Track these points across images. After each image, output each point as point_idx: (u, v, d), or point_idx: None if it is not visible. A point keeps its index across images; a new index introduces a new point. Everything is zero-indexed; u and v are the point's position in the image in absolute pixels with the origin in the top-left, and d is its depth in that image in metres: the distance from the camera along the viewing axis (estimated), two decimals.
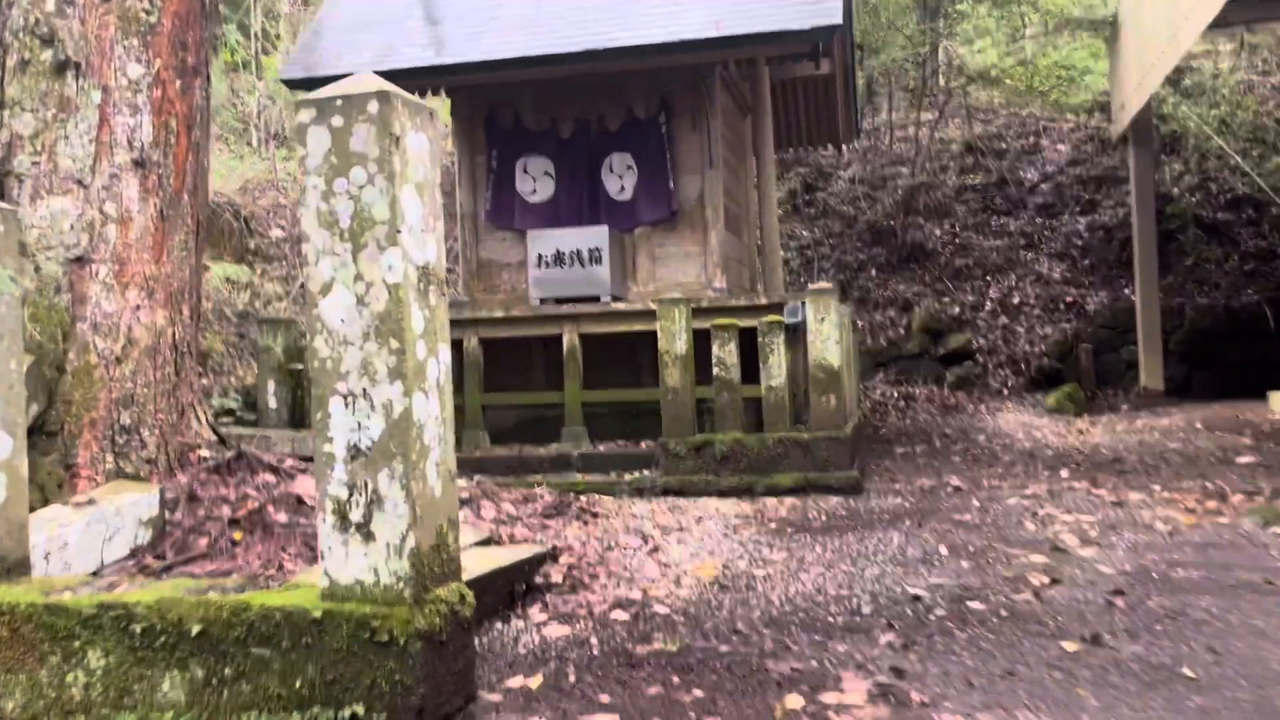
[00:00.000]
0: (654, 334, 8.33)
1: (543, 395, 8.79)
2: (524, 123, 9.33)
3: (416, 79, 8.59)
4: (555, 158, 9.27)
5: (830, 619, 3.75)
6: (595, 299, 8.60)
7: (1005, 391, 14.62)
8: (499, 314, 8.70)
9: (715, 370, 7.39)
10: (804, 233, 17.04)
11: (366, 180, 2.51)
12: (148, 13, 4.74)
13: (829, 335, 7.14)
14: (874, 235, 16.85)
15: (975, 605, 3.81)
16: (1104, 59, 17.70)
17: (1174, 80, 15.25)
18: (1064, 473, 7.99)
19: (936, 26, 18.11)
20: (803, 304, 8.05)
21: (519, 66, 8.32)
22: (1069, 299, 15.56)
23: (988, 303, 15.84)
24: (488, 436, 8.80)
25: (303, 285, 15.56)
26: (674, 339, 7.41)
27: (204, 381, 11.01)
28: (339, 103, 2.54)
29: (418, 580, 2.52)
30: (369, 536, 2.52)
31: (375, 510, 2.52)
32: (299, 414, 8.10)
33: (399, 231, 2.51)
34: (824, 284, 7.32)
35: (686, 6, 8.31)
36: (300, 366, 8.09)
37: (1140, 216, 14.53)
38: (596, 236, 8.59)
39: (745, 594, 4.21)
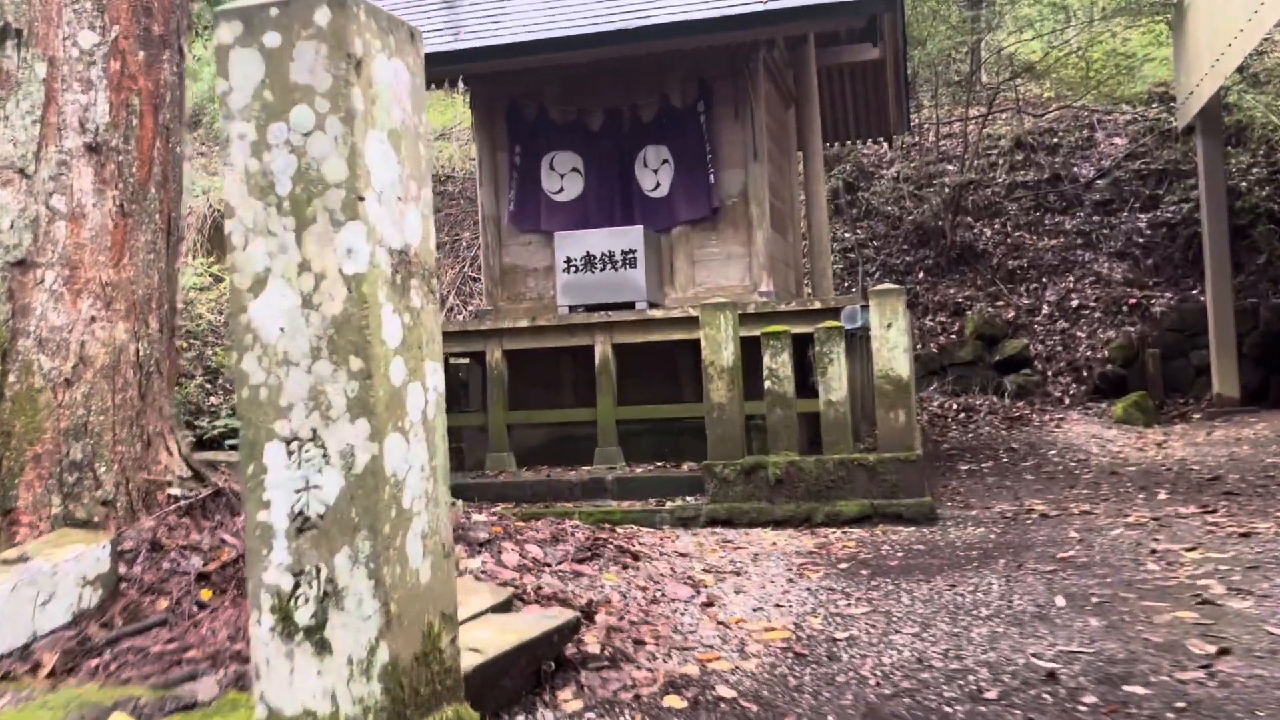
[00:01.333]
0: (694, 344, 7.53)
1: (573, 413, 7.99)
2: (549, 115, 8.55)
3: (429, 66, 7.82)
4: (584, 152, 8.49)
5: (947, 709, 2.91)
6: (629, 306, 7.79)
7: (1066, 400, 13.65)
8: (524, 324, 7.91)
9: (767, 383, 6.55)
10: (846, 234, 16.15)
11: (315, 125, 1.72)
12: None
13: (897, 342, 6.28)
14: (921, 236, 15.94)
15: (1135, 690, 2.95)
16: (1162, 45, 16.71)
17: (1240, 66, 14.24)
18: (1160, 494, 7.08)
19: (978, 15, 17.21)
20: (861, 308, 7.20)
21: (542, 51, 7.54)
22: (1132, 301, 14.57)
23: (1044, 306, 14.88)
24: (513, 458, 8.02)
25: None
26: (720, 348, 6.58)
27: (190, 399, 10.32)
28: (274, 12, 1.74)
29: (395, 710, 1.71)
30: (323, 647, 1.72)
31: (331, 609, 1.71)
32: None
33: (362, 199, 1.71)
34: (889, 285, 6.46)
35: None
36: None
37: (1210, 212, 13.53)
38: (630, 237, 7.78)
39: (829, 666, 3.37)
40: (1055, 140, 17.41)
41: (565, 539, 4.64)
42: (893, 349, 6.28)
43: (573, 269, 7.88)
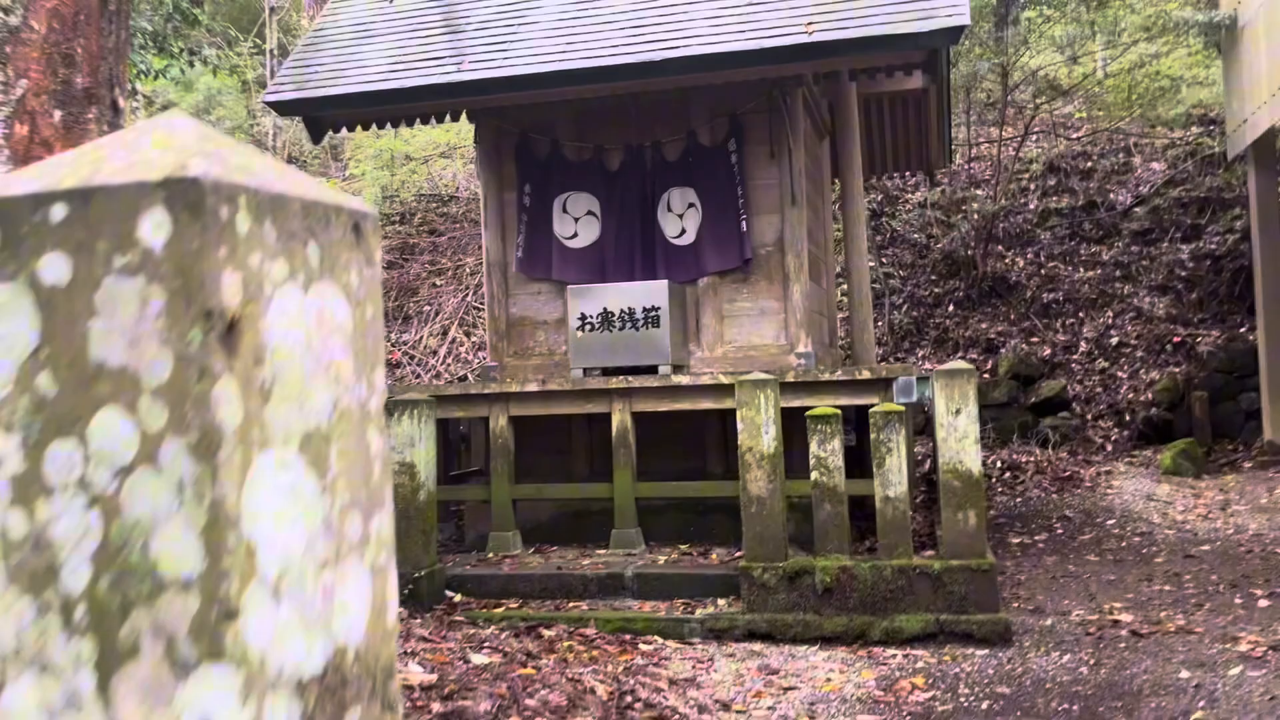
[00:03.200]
0: (724, 412, 6.68)
1: (587, 488, 7.13)
2: (562, 152, 7.69)
3: (429, 99, 6.99)
4: (601, 194, 7.63)
5: None
6: (651, 369, 6.93)
7: (1109, 447, 12.77)
8: (533, 388, 7.05)
9: (814, 474, 5.68)
10: (871, 264, 15.27)
11: (138, 455, 0.84)
12: (4, 9, 3.13)
13: (966, 432, 5.42)
14: (950, 266, 15.07)
15: None
16: (1207, 67, 15.86)
17: None
18: (1258, 595, 6.21)
19: (1005, 35, 16.36)
20: (916, 379, 6.34)
21: (554, 84, 6.69)
22: (1176, 339, 13.69)
23: (1082, 343, 14.00)
24: (519, 537, 7.16)
25: None
26: (759, 432, 5.71)
27: None
28: (58, 213, 0.86)
29: None
30: None
31: None
32: None
33: (233, 615, 0.83)
34: (957, 364, 5.59)
35: (765, 6, 6.64)
36: None
37: (1263, 247, 12.65)
38: (653, 293, 6.92)
39: None
40: (1090, 165, 16.54)
41: (581, 708, 3.77)
42: (962, 439, 5.42)
43: (588, 327, 7.02)
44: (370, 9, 7.77)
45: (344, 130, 7.54)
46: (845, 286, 10.61)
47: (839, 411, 5.72)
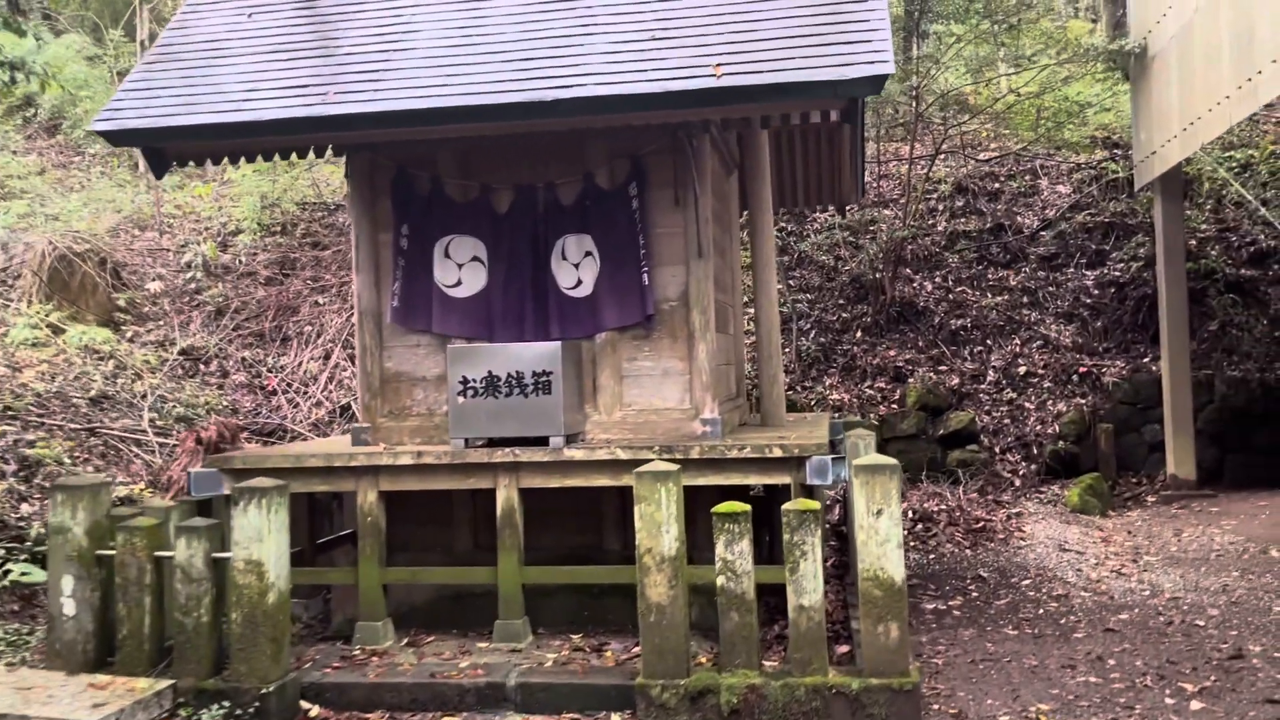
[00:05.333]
0: (623, 488, 6.03)
1: (468, 573, 6.38)
2: (445, 190, 6.90)
3: (290, 133, 6.12)
4: (488, 238, 6.86)
5: None
6: (542, 441, 6.20)
7: (1017, 482, 12.55)
8: (406, 460, 6.26)
9: (720, 579, 5.05)
10: (779, 287, 14.80)
11: None
12: None
13: (889, 536, 4.85)
14: (858, 290, 14.70)
15: None
16: (1109, 93, 15.79)
17: None
18: (1188, 688, 5.82)
19: (915, 53, 16.07)
20: (833, 459, 5.77)
21: (432, 121, 5.90)
22: (1082, 369, 13.56)
23: (990, 372, 13.78)
24: (390, 626, 6.38)
25: (183, 353, 12.88)
26: (660, 532, 5.06)
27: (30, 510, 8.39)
28: None
29: None
30: None
31: None
32: (109, 628, 5.58)
33: None
34: (878, 458, 5.01)
35: (669, 42, 5.97)
36: (113, 551, 5.57)
37: (1169, 280, 12.56)
38: (545, 356, 6.20)
39: None
40: (997, 186, 16.37)
41: None
42: (884, 543, 4.85)
43: (471, 392, 6.26)
44: (226, 24, 6.84)
45: (191, 164, 6.60)
46: (752, 326, 10.06)
47: (748, 508, 5.09)
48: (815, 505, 4.97)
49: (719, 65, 5.61)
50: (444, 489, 6.45)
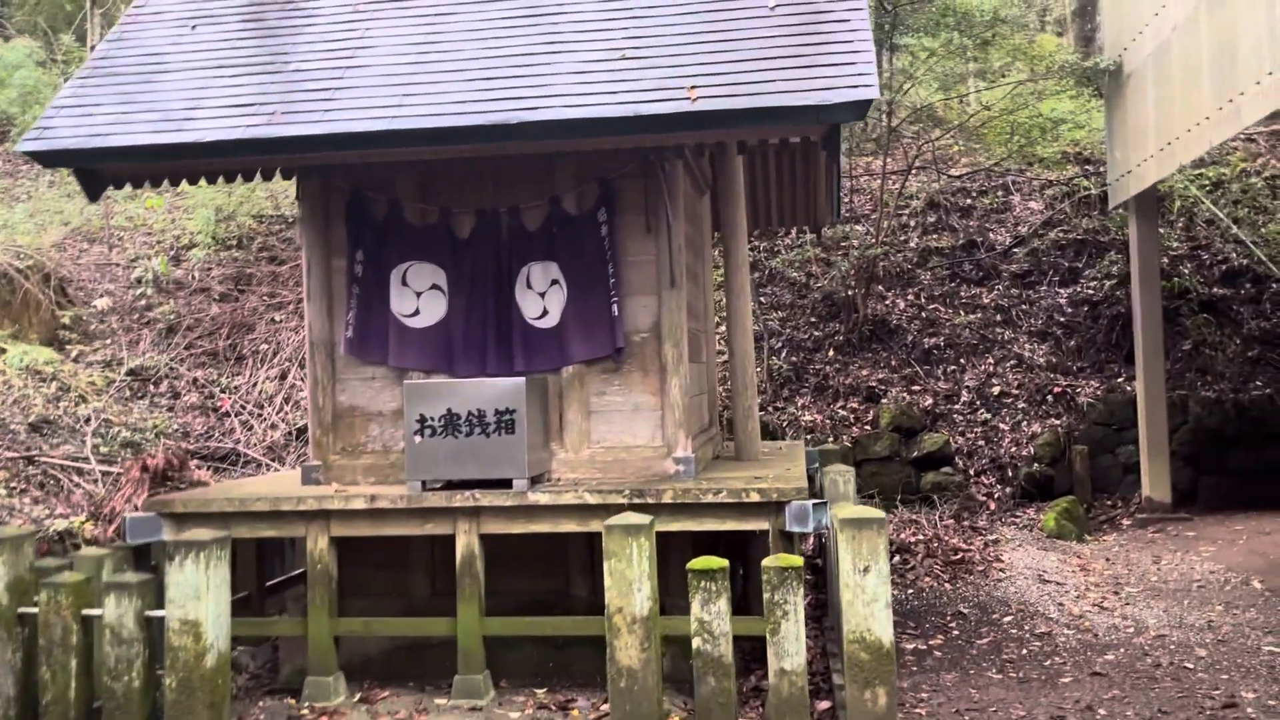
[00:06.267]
0: (591, 535, 5.69)
1: (425, 624, 5.99)
2: (403, 214, 6.51)
3: (235, 155, 5.71)
4: (448, 265, 6.49)
5: None
6: (505, 484, 5.83)
7: (992, 505, 12.32)
8: (359, 505, 5.87)
9: (697, 641, 4.70)
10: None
11: None
12: None
13: (876, 594, 4.53)
14: (830, 308, 14.44)
15: None
16: (1083, 111, 15.67)
17: None
18: None
19: (890, 68, 15.85)
20: (812, 505, 5.45)
21: (387, 144, 5.52)
22: (1056, 389, 13.38)
23: (964, 392, 13.55)
24: (342, 681, 5.97)
25: (131, 373, 12.34)
26: (631, 590, 4.71)
27: None
28: None
29: None
30: None
31: None
32: (32, 693, 5.13)
33: None
34: (865, 511, 4.69)
35: (641, 62, 5.63)
36: (36, 609, 5.12)
37: (1144, 301, 12.40)
38: (508, 393, 5.83)
39: None
40: (969, 202, 16.19)
41: None
42: (871, 602, 4.53)
43: (428, 431, 5.88)
44: (167, 36, 6.41)
45: (128, 187, 6.17)
46: (725, 348, 9.75)
47: (725, 565, 4.75)
48: (797, 562, 4.64)
49: (693, 88, 5.28)
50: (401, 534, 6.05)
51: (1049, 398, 13.37)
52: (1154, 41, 10.72)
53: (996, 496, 12.48)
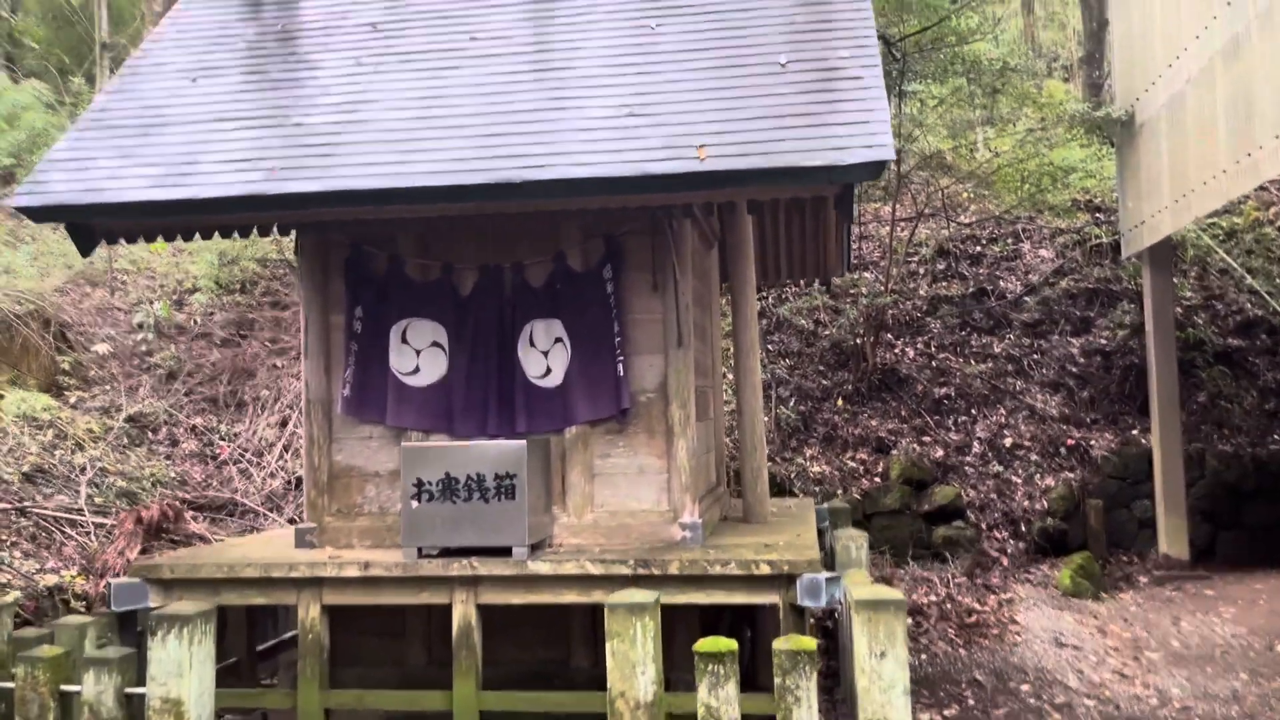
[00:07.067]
0: (594, 606, 5.46)
1: (420, 697, 5.74)
2: (403, 270, 6.36)
3: (232, 212, 5.57)
4: (450, 322, 6.32)
5: None
6: (504, 552, 5.61)
7: (1005, 561, 12.03)
8: (353, 573, 5.65)
9: None
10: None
11: None
12: None
13: (894, 680, 4.29)
14: (839, 356, 14.24)
15: None
16: (1094, 159, 15.55)
17: None
18: None
19: (899, 115, 15.79)
20: (826, 579, 5.22)
21: (388, 201, 5.37)
22: (1070, 441, 13.13)
23: (975, 444, 13.31)
24: None
25: (130, 420, 12.16)
26: (634, 673, 4.48)
27: None
28: None
29: None
30: None
31: None
32: None
33: None
34: (884, 592, 4.47)
35: (648, 119, 5.49)
36: (11, 684, 4.90)
37: (1159, 353, 12.21)
38: (508, 457, 5.63)
39: None
40: (979, 249, 16.04)
41: None
42: (888, 689, 4.29)
43: (426, 496, 5.67)
44: (167, 89, 6.29)
45: (122, 242, 6.03)
46: (732, 400, 9.56)
47: (734, 646, 4.52)
48: (810, 645, 4.41)
49: (702, 146, 5.13)
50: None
51: (1062, 450, 13.12)
52: (1167, 93, 10.60)
53: (1010, 552, 12.20)
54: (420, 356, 6.30)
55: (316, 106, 5.96)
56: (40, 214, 5.65)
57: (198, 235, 6.05)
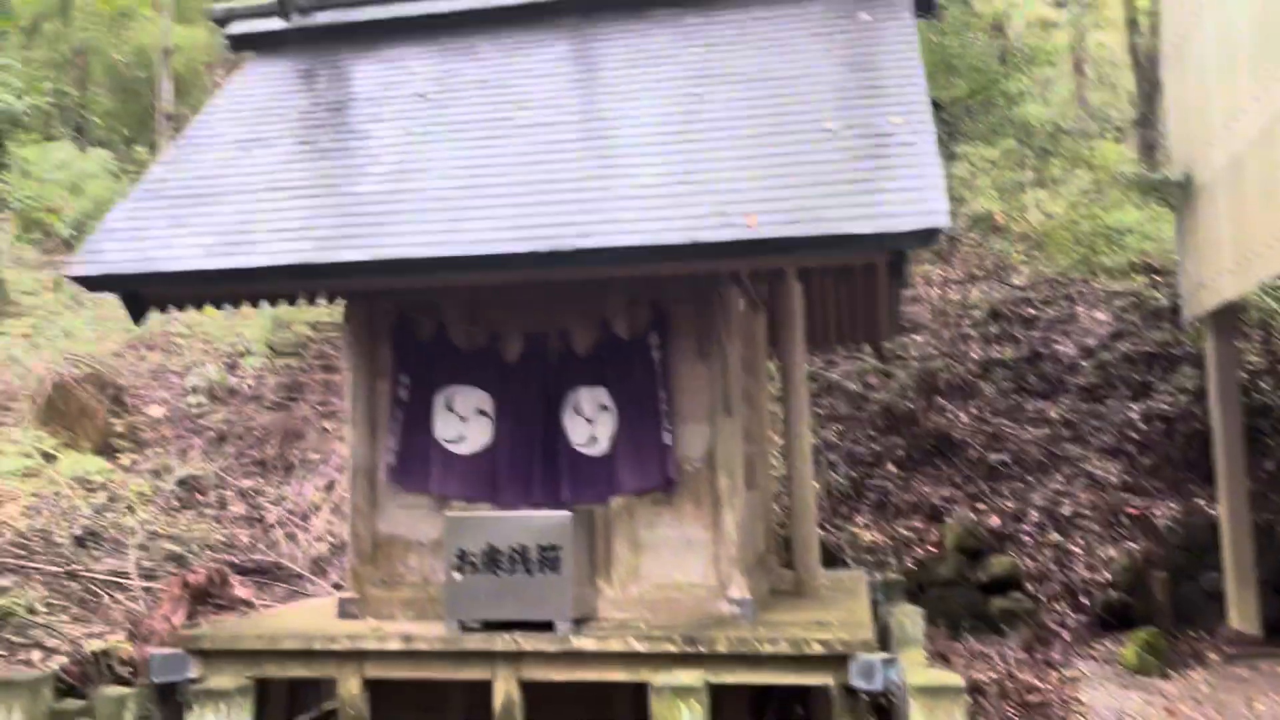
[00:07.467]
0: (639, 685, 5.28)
1: None
2: (449, 337, 6.34)
3: (280, 281, 5.60)
4: (495, 389, 6.27)
5: None
6: (547, 626, 5.48)
7: (1066, 635, 11.59)
8: (394, 646, 5.54)
9: None
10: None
11: None
12: None
13: None
14: (890, 420, 13.98)
15: None
16: (1152, 222, 15.30)
17: None
18: None
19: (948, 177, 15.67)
20: (881, 661, 5.00)
21: (436, 271, 5.37)
22: (1131, 510, 12.70)
23: (1032, 511, 12.93)
24: None
25: (180, 482, 12.26)
26: None
27: None
28: None
29: None
30: None
31: None
32: None
33: None
34: (942, 677, 4.26)
35: (697, 186, 5.44)
36: None
37: (1224, 418, 11.82)
38: (552, 529, 5.52)
39: None
40: (1033, 312, 15.77)
41: None
42: None
43: (469, 568, 5.57)
44: (220, 159, 6.40)
45: (172, 309, 6.08)
46: (780, 466, 9.38)
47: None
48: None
49: (752, 214, 5.06)
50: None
51: (1123, 519, 12.69)
52: (1226, 154, 10.40)
53: (1071, 625, 11.76)
54: (465, 424, 6.25)
55: (366, 175, 6.00)
56: (94, 283, 5.72)
57: (247, 303, 6.07)
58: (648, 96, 6.32)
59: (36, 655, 8.21)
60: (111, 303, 16.09)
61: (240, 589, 10.10)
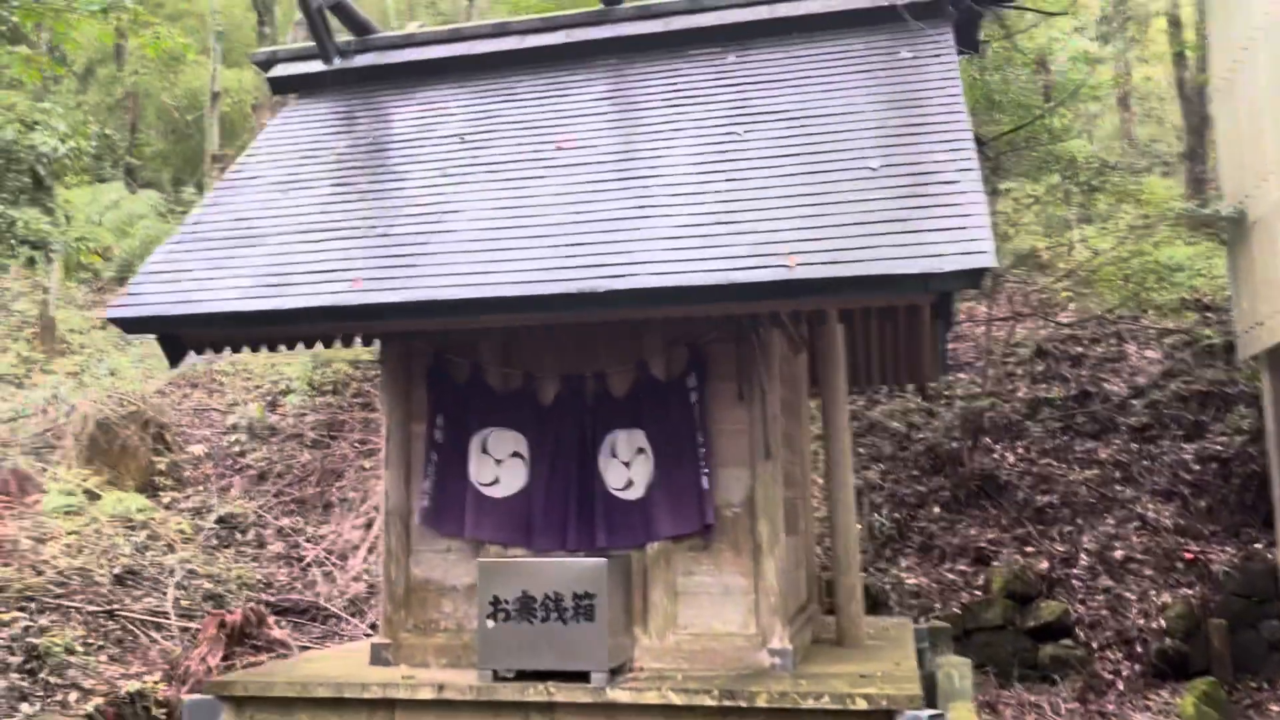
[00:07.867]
0: None
1: None
2: (484, 379, 6.27)
3: (316, 323, 5.57)
4: (530, 432, 6.18)
5: None
6: (582, 677, 5.34)
7: (1120, 685, 11.18)
8: (426, 695, 5.43)
9: None
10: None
11: None
12: None
13: None
14: (934, 461, 13.70)
15: None
16: (1204, 257, 14.97)
17: None
18: None
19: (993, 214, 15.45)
20: (931, 717, 4.80)
21: (472, 312, 5.31)
22: (1187, 554, 12.29)
23: (1082, 555, 12.55)
24: None
25: (220, 521, 12.29)
26: None
27: None
28: None
29: None
30: None
31: None
32: None
33: None
34: None
35: (735, 226, 5.34)
36: None
37: None
38: (588, 576, 5.40)
39: None
40: (1080, 350, 15.44)
41: None
42: None
43: (502, 615, 5.46)
44: (259, 201, 6.42)
45: (209, 352, 6.08)
46: (822, 509, 9.17)
47: None
48: None
49: (792, 254, 4.95)
50: None
51: (1179, 564, 12.27)
52: None
53: (1125, 674, 11.34)
54: (500, 467, 6.16)
55: (403, 217, 5.98)
56: (132, 325, 5.73)
57: (284, 345, 6.05)
58: (686, 136, 6.26)
59: (74, 697, 8.20)
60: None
61: (277, 630, 10.06)
